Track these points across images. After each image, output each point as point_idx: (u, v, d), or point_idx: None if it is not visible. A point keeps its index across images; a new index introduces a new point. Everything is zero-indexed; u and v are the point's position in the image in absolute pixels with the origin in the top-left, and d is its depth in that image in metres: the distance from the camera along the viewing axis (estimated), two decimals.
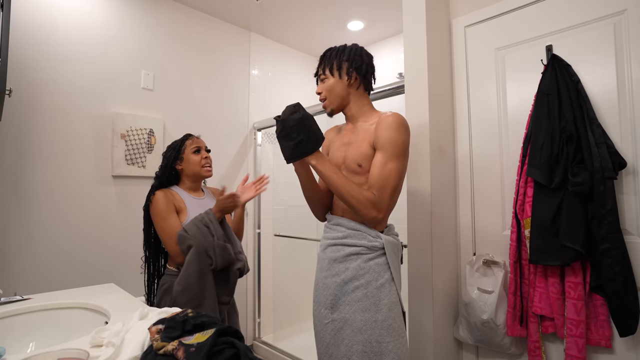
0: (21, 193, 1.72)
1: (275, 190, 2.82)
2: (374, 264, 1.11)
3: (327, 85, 1.22)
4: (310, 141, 1.06)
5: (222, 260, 1.39)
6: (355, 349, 1.06)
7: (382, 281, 1.11)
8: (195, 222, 1.39)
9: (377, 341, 1.06)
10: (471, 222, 1.55)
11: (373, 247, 1.12)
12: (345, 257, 1.13)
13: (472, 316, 1.40)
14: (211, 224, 1.40)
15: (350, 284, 1.11)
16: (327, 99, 1.23)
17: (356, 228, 1.14)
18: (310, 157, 1.08)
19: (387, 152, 1.09)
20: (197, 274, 1.34)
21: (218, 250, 1.38)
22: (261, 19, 2.57)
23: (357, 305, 1.09)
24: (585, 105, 1.20)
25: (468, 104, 1.58)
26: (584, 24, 1.28)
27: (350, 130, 1.24)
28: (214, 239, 1.38)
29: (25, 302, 1.10)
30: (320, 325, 1.15)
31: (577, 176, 1.16)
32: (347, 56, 1.20)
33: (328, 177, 1.08)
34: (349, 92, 1.21)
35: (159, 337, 0.67)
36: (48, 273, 1.77)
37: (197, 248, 1.35)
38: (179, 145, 1.54)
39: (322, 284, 1.17)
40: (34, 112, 1.77)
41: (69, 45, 1.89)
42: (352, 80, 1.20)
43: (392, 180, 1.08)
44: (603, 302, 1.17)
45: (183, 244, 1.37)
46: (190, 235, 1.37)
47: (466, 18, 1.59)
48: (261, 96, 2.79)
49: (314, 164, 1.09)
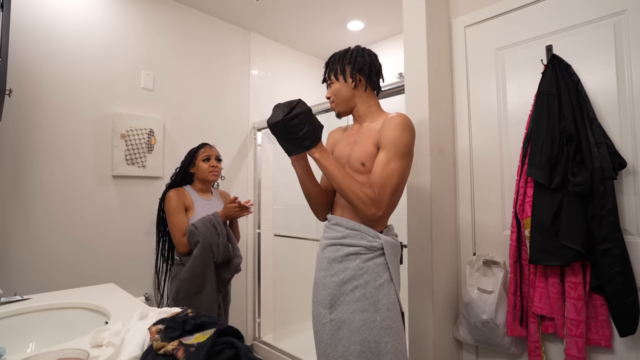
0: (21, 193, 1.72)
1: (275, 190, 2.82)
2: (372, 264, 1.11)
3: (333, 89, 1.25)
4: (314, 133, 1.08)
5: (223, 256, 1.67)
6: (353, 349, 1.06)
7: (381, 281, 1.11)
8: (204, 222, 1.66)
9: (375, 341, 1.06)
10: (471, 222, 1.55)
11: (372, 247, 1.12)
12: (344, 257, 1.13)
13: (472, 316, 1.40)
14: (218, 225, 1.68)
15: (348, 284, 1.11)
16: (334, 102, 1.26)
17: (355, 228, 1.15)
18: (314, 150, 1.09)
19: (391, 151, 1.09)
20: (201, 265, 1.62)
21: (221, 248, 1.66)
22: (261, 19, 2.57)
23: (355, 305, 1.09)
24: (585, 105, 1.20)
25: (468, 104, 1.58)
26: (584, 24, 1.28)
27: (356, 130, 1.25)
28: (219, 238, 1.66)
29: (25, 302, 1.09)
30: (319, 325, 1.16)
31: (577, 176, 1.16)
32: (349, 59, 1.22)
33: (330, 172, 1.09)
34: (354, 94, 1.23)
35: (159, 337, 0.67)
36: (48, 273, 1.77)
37: (204, 244, 1.62)
38: (194, 152, 1.81)
39: (321, 284, 1.17)
40: (34, 112, 1.77)
41: (69, 46, 1.89)
42: (357, 82, 1.21)
43: (394, 179, 1.08)
44: (603, 302, 1.17)
45: (192, 239, 1.63)
46: (200, 232, 1.63)
47: (466, 18, 1.59)
48: (261, 96, 2.79)
49: (317, 157, 1.10)
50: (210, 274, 1.65)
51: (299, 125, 1.05)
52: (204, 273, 1.63)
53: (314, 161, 1.13)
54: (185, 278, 1.62)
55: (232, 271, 1.74)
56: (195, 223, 1.66)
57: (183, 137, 2.31)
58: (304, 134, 1.06)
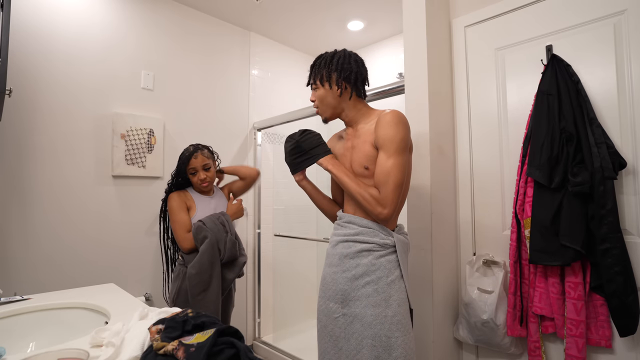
0: (21, 193, 1.72)
1: (275, 190, 2.82)
2: (385, 260, 1.14)
3: (318, 94, 1.25)
4: (324, 146, 1.24)
5: (230, 254, 1.66)
6: (365, 342, 1.09)
7: (393, 278, 1.13)
8: (212, 219, 1.66)
9: (387, 336, 1.08)
10: (471, 222, 1.55)
11: (385, 245, 1.14)
12: (357, 254, 1.15)
13: (472, 316, 1.40)
14: (227, 223, 1.70)
15: (361, 280, 1.13)
16: (319, 108, 1.27)
17: (368, 226, 1.16)
18: (327, 163, 1.20)
19: (389, 150, 1.10)
20: (209, 261, 1.61)
21: (229, 245, 1.66)
22: (261, 19, 2.57)
23: (367, 300, 1.11)
24: (585, 105, 1.20)
25: (468, 104, 1.58)
26: (584, 24, 1.28)
27: (352, 134, 1.25)
28: (227, 235, 1.67)
29: (25, 302, 1.10)
30: (328, 320, 1.17)
31: (577, 176, 1.16)
32: (336, 66, 1.21)
33: (341, 179, 1.16)
34: (340, 101, 1.23)
35: (159, 337, 0.67)
36: (48, 273, 1.77)
37: (211, 240, 1.61)
38: (182, 162, 1.74)
39: (331, 279, 1.18)
40: (34, 112, 1.77)
41: (69, 46, 1.89)
42: (342, 90, 1.21)
43: (394, 175, 1.09)
44: (603, 302, 1.17)
45: (199, 234, 1.62)
46: (208, 227, 1.63)
47: (466, 18, 1.59)
48: (261, 96, 2.79)
49: (330, 168, 1.19)
50: (216, 272, 1.62)
51: (310, 140, 1.23)
52: (211, 270, 1.61)
53: (327, 171, 1.20)
54: (192, 274, 1.58)
55: (237, 270, 1.72)
56: (202, 219, 1.65)
57: (183, 137, 2.31)
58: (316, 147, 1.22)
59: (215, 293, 1.62)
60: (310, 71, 1.28)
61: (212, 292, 1.61)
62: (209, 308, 1.60)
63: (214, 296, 1.61)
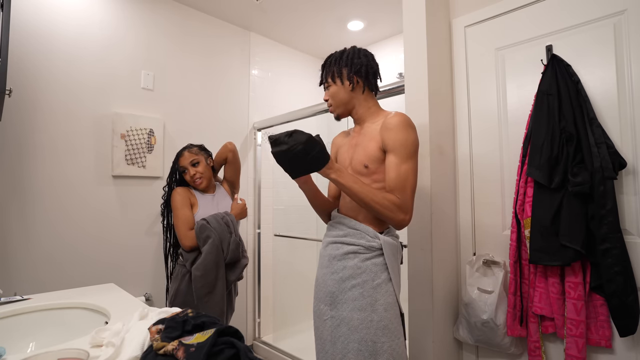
0: (21, 193, 1.72)
1: (275, 190, 2.82)
2: (370, 263, 1.12)
3: (331, 92, 1.25)
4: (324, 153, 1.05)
5: (233, 255, 1.64)
6: (351, 346, 1.07)
7: (379, 281, 1.11)
8: (217, 218, 1.64)
9: (372, 340, 1.06)
10: (471, 222, 1.55)
11: (370, 247, 1.13)
12: (344, 255, 1.14)
13: (472, 316, 1.40)
14: (231, 224, 1.68)
15: (347, 282, 1.12)
16: (332, 105, 1.26)
17: (355, 227, 1.15)
18: (330, 172, 1.06)
19: (401, 154, 1.09)
20: (214, 262, 1.59)
21: (232, 246, 1.63)
22: (261, 19, 2.57)
23: (353, 303, 1.10)
24: (585, 105, 1.20)
25: (468, 104, 1.58)
26: (584, 24, 1.27)
27: (358, 132, 1.25)
28: (231, 236, 1.65)
29: (25, 302, 1.10)
30: (319, 322, 1.17)
31: (577, 176, 1.16)
32: (346, 61, 1.21)
33: (349, 189, 1.06)
34: (352, 96, 1.23)
35: (159, 337, 0.67)
36: (48, 273, 1.77)
37: (215, 240, 1.59)
38: (174, 165, 1.77)
39: (322, 281, 1.18)
40: (34, 112, 1.77)
41: (69, 46, 1.89)
42: (354, 84, 1.21)
43: (410, 180, 1.09)
44: (603, 302, 1.17)
45: (202, 233, 1.59)
46: (212, 227, 1.60)
47: (466, 18, 1.58)
48: (261, 96, 2.79)
49: (334, 177, 1.07)
50: (221, 274, 1.60)
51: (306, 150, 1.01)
52: (216, 271, 1.58)
53: (332, 182, 1.11)
54: (197, 276, 1.56)
55: (238, 272, 1.69)
56: (206, 218, 1.63)
57: (183, 137, 2.31)
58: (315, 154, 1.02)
59: (221, 294, 1.60)
60: (321, 71, 1.29)
61: (218, 293, 1.59)
62: (215, 310, 1.59)
63: (219, 297, 1.60)
